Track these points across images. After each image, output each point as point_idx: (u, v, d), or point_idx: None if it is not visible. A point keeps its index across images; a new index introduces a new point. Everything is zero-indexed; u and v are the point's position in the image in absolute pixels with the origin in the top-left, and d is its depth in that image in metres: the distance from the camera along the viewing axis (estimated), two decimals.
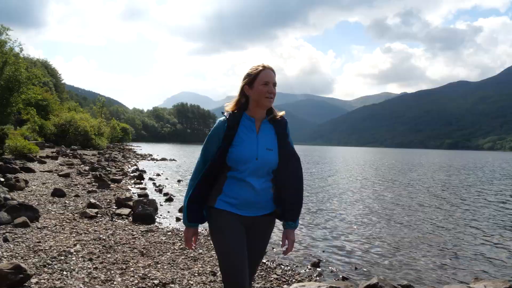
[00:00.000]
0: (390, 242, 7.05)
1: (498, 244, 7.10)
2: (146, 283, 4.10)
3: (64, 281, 3.97)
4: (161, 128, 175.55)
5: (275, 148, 2.34)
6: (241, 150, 2.26)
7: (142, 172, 17.69)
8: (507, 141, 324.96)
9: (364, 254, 6.26)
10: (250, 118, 2.35)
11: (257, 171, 2.27)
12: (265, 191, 2.32)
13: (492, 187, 17.48)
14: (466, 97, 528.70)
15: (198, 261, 5.11)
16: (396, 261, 5.93)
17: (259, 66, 2.35)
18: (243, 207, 2.29)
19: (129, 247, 5.53)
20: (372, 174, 24.78)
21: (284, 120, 2.42)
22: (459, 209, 10.98)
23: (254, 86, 2.30)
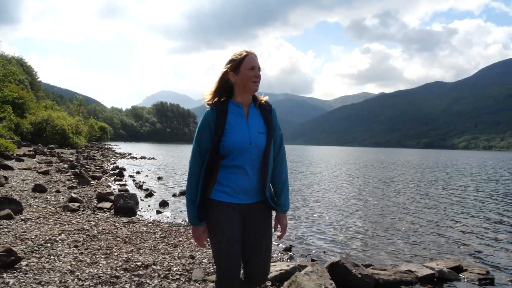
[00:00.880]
0: (359, 230, 7.53)
1: (453, 229, 7.67)
2: (129, 265, 4.43)
3: (52, 263, 4.26)
4: (140, 127, 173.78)
5: (265, 132, 2.35)
6: (234, 137, 2.25)
7: (122, 170, 17.83)
8: (480, 140, 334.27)
9: (333, 240, 6.71)
10: (238, 104, 2.35)
11: (251, 156, 2.28)
12: (258, 176, 2.33)
13: (456, 182, 18.32)
14: (441, 97, 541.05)
15: (178, 247, 5.46)
16: (362, 245, 6.41)
17: (242, 52, 2.34)
18: (239, 194, 2.29)
19: (112, 236, 5.83)
20: (348, 171, 25.46)
21: (269, 104, 2.46)
22: (424, 201, 11.59)
23: (240, 71, 2.30)
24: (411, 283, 4.49)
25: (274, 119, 2.42)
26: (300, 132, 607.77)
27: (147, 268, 4.39)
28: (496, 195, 13.89)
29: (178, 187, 13.16)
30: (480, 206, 11.14)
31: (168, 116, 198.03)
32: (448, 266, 4.92)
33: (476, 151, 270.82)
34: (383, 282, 4.33)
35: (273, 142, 2.38)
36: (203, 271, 4.38)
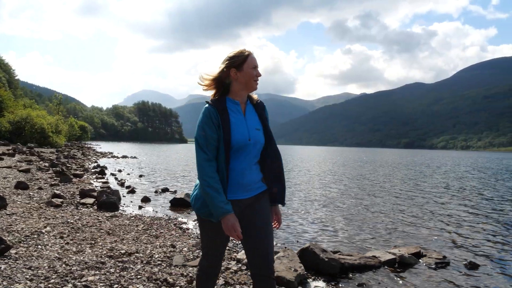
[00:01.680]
0: (332, 222, 7.94)
1: (419, 220, 8.16)
2: (114, 253, 4.72)
3: (40, 252, 4.52)
4: (121, 127, 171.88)
5: (261, 128, 2.42)
6: (235, 134, 2.29)
7: (104, 168, 17.92)
8: (458, 140, 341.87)
9: (306, 231, 7.10)
10: (235, 101, 2.39)
11: (249, 152, 2.34)
12: (255, 172, 2.39)
13: (426, 180, 19.03)
14: (421, 98, 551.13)
15: (160, 238, 5.78)
16: (333, 235, 6.82)
17: (244, 50, 2.38)
18: (238, 190, 2.33)
19: (96, 228, 6.10)
20: (327, 169, 26.03)
21: (262, 102, 2.53)
22: (394, 196, 12.13)
23: (244, 69, 2.34)
24: (375, 267, 4.92)
25: (267, 116, 2.52)
26: (282, 132, 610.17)
27: (130, 256, 4.69)
28: (461, 191, 14.56)
29: (160, 185, 13.39)
30: (445, 201, 11.73)
31: (150, 115, 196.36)
32: (409, 252, 5.38)
33: (454, 151, 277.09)
34: (349, 266, 4.74)
35: (268, 137, 2.46)
36: (183, 258, 4.71)
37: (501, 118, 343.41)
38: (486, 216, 9.20)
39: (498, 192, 14.46)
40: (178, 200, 9.23)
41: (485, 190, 15.26)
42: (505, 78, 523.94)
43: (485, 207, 10.64)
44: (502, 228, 7.82)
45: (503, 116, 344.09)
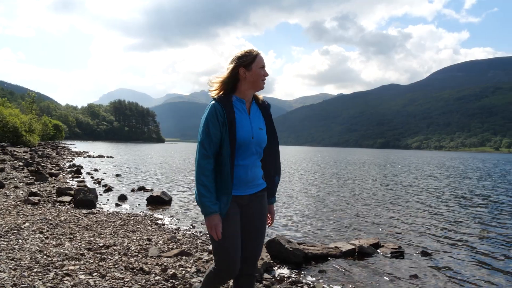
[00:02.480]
0: (301, 216, 8.37)
1: (383, 215, 8.70)
2: (92, 246, 5.01)
3: (21, 245, 4.77)
4: (97, 126, 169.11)
5: (264, 128, 2.49)
6: (240, 132, 2.34)
7: (79, 167, 17.93)
8: (432, 141, 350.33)
9: (276, 225, 7.51)
10: (241, 100, 2.44)
11: (252, 150, 2.39)
12: (257, 169, 2.46)
13: (395, 178, 19.82)
14: (396, 99, 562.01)
15: (136, 233, 6.08)
16: (301, 228, 7.25)
17: (252, 50, 2.44)
18: (240, 187, 2.38)
19: (74, 224, 6.34)
20: (302, 168, 26.61)
21: (267, 102, 2.59)
22: (362, 193, 12.70)
23: (252, 69, 2.38)
24: (336, 256, 5.36)
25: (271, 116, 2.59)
26: None
27: (108, 248, 4.99)
28: (424, 188, 15.31)
29: (136, 183, 13.58)
30: (407, 197, 12.37)
31: (126, 114, 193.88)
32: (369, 243, 5.86)
33: (428, 151, 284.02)
34: (312, 255, 5.16)
35: (271, 137, 2.54)
36: (159, 249, 5.04)
37: (472, 119, 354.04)
38: (442, 211, 9.83)
39: (457, 190, 15.26)
40: (155, 197, 9.51)
41: (446, 187, 16.07)
42: (476, 80, 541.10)
43: (442, 203, 11.31)
44: (455, 222, 8.43)
45: (474, 117, 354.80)
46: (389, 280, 4.57)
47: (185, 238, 5.99)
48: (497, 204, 11.44)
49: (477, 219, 8.84)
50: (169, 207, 9.20)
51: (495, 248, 6.25)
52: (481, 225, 8.15)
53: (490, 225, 8.23)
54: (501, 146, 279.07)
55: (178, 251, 4.92)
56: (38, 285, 3.47)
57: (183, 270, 4.28)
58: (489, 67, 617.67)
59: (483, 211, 10.05)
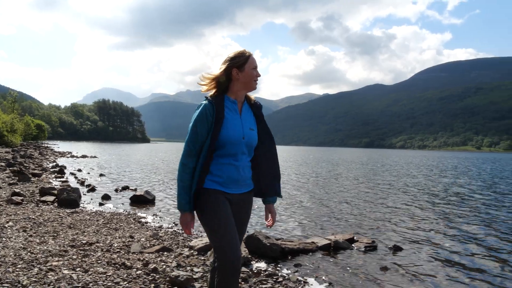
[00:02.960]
0: (281, 213, 8.60)
1: (360, 212, 8.99)
2: (75, 243, 5.15)
3: (5, 243, 4.88)
4: (81, 126, 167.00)
5: (255, 128, 2.52)
6: (229, 132, 2.36)
7: (63, 168, 17.87)
8: (416, 140, 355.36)
9: (256, 221, 7.72)
10: (233, 100, 2.47)
11: (243, 150, 2.42)
12: (247, 169, 2.49)
13: (375, 176, 20.26)
14: (381, 99, 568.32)
15: (119, 230, 6.22)
16: (281, 225, 7.48)
17: (245, 51, 2.47)
18: (229, 184, 2.41)
19: (58, 223, 6.45)
20: (283, 167, 26.92)
21: (259, 103, 2.63)
22: (342, 190, 13.02)
23: (245, 69, 2.42)
24: (312, 250, 5.61)
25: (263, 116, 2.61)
26: None
27: (91, 245, 5.13)
28: (402, 186, 15.73)
29: (120, 183, 13.64)
30: (386, 195, 12.73)
31: (111, 114, 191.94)
32: (344, 238, 6.11)
33: (411, 150, 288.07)
34: (288, 250, 5.39)
35: (264, 137, 2.56)
36: (141, 246, 5.21)
37: (454, 119, 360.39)
38: (417, 208, 10.18)
39: (433, 188, 15.71)
40: (138, 197, 9.63)
41: (422, 186, 16.51)
42: (459, 81, 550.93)
43: (417, 201, 11.68)
44: (427, 219, 8.77)
45: (456, 117, 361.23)
46: (360, 272, 4.82)
47: (167, 235, 6.16)
48: (469, 202, 11.87)
49: (448, 216, 9.20)
50: (152, 206, 9.34)
51: (462, 244, 6.58)
52: (451, 222, 8.50)
53: (460, 222, 8.59)
54: (482, 145, 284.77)
55: (160, 247, 5.10)
56: (23, 280, 3.62)
57: (164, 265, 4.46)
58: (471, 68, 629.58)
59: (455, 208, 10.43)
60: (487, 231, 7.55)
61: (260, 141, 2.53)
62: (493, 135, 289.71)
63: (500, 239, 6.94)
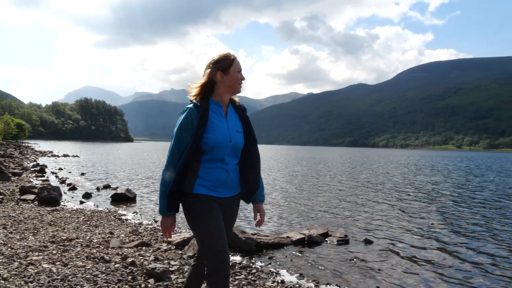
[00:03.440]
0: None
1: (335, 206, 9.29)
2: (55, 239, 5.27)
3: None
4: (62, 125, 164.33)
5: (241, 131, 2.51)
6: (215, 135, 2.35)
7: (44, 167, 17.76)
8: (398, 139, 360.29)
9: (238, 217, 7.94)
10: (218, 103, 2.46)
11: (230, 153, 2.42)
12: (235, 172, 2.49)
13: (354, 174, 20.70)
14: (364, 98, 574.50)
15: (99, 227, 6.35)
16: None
17: (229, 54, 2.47)
18: (218, 188, 2.41)
19: (38, 220, 6.54)
20: (265, 166, 27.19)
21: (243, 106, 2.62)
22: (321, 187, 13.33)
23: (230, 73, 2.42)
24: (286, 245, 5.85)
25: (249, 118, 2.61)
26: None
27: (71, 241, 5.26)
28: (378, 184, 16.15)
29: (101, 182, 13.67)
30: (362, 191, 13.09)
31: (93, 113, 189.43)
32: (318, 233, 6.37)
33: (394, 149, 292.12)
34: (264, 244, 5.62)
35: (249, 139, 2.55)
36: (120, 241, 5.36)
37: (436, 118, 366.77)
38: (391, 204, 10.54)
39: (408, 185, 16.17)
40: (119, 195, 9.73)
41: (398, 183, 16.99)
42: (440, 81, 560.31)
43: (392, 197, 12.06)
44: (400, 214, 9.12)
45: (438, 117, 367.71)
46: (329, 264, 5.08)
47: (146, 231, 6.31)
48: (440, 199, 12.31)
49: (419, 212, 9.57)
50: (133, 203, 9.46)
51: (429, 239, 6.92)
52: (421, 218, 8.86)
53: (428, 217, 8.95)
54: (463, 144, 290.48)
55: (138, 242, 5.27)
56: (3, 273, 3.75)
57: (142, 259, 4.63)
58: (451, 68, 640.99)
59: (425, 205, 10.83)
60: (453, 228, 7.93)
61: (246, 143, 2.53)
62: (473, 134, 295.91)
63: (466, 236, 7.31)
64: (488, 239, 6.86)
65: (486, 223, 8.31)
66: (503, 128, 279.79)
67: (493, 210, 10.18)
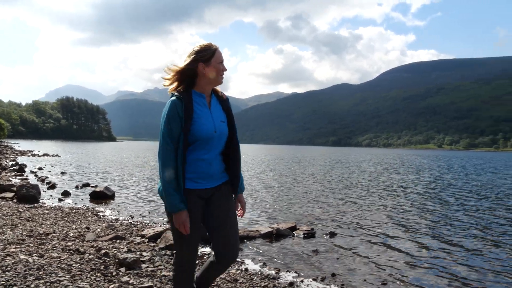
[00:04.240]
0: None
1: (305, 203, 9.69)
2: (33, 233, 5.51)
3: None
4: (43, 124, 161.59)
5: (225, 120, 2.51)
6: (201, 126, 2.34)
7: (23, 166, 17.74)
8: (381, 138, 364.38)
9: None
10: (201, 95, 2.44)
11: (215, 143, 2.42)
12: (219, 162, 2.49)
13: (329, 173, 21.21)
14: (348, 98, 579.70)
15: (76, 223, 6.60)
16: None
17: (211, 44, 2.43)
18: (203, 180, 2.41)
19: (16, 216, 6.75)
20: (248, 164, 27.54)
21: (226, 96, 2.60)
22: (295, 184, 13.73)
23: (212, 64, 2.38)
24: (255, 237, 6.20)
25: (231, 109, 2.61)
26: None
27: (48, 235, 5.51)
28: (350, 181, 16.67)
29: (81, 181, 13.80)
30: (335, 189, 13.55)
31: (75, 112, 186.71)
32: (286, 227, 6.74)
33: (377, 148, 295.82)
34: None
35: (231, 129, 2.55)
36: (95, 235, 5.63)
37: (418, 118, 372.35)
38: (360, 200, 11.01)
39: (380, 183, 16.73)
40: (98, 192, 9.94)
41: (372, 181, 17.54)
42: (422, 81, 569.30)
43: (363, 194, 12.54)
44: (368, 209, 9.57)
45: (419, 117, 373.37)
46: (293, 254, 5.45)
47: (122, 226, 6.59)
48: (409, 195, 12.84)
49: (385, 207, 10.05)
50: (111, 201, 9.69)
51: (390, 229, 7.37)
52: (387, 212, 9.33)
53: (394, 211, 9.43)
54: (444, 143, 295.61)
55: (113, 236, 5.55)
56: None
57: (115, 250, 4.91)
58: (433, 69, 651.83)
59: (393, 200, 11.33)
60: (417, 220, 8.40)
61: (229, 133, 2.53)
62: (454, 134, 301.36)
63: (430, 227, 7.78)
64: (449, 227, 7.34)
65: (446, 214, 8.82)
66: (482, 127, 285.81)
67: (452, 204, 10.74)
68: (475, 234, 7.10)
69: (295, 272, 4.69)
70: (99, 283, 3.75)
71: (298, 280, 4.40)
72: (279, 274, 4.56)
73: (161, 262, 4.57)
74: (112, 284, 3.75)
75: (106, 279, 3.89)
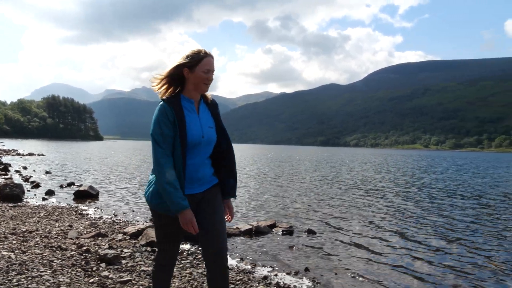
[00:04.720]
0: None
1: (285, 201, 9.92)
2: (16, 231, 5.63)
3: None
4: (28, 123, 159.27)
5: (214, 126, 2.52)
6: (189, 131, 2.34)
7: (7, 165, 17.65)
8: (368, 138, 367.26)
9: None
10: (190, 100, 2.45)
11: (203, 148, 2.43)
12: (207, 167, 2.51)
13: (312, 172, 21.53)
14: (336, 98, 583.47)
15: (59, 221, 6.72)
16: None
17: (201, 51, 2.41)
18: (192, 185, 2.41)
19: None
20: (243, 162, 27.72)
21: (215, 101, 2.60)
22: (278, 183, 13.96)
23: (196, 71, 2.37)
24: (235, 235, 6.40)
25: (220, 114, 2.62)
26: None
27: (30, 233, 5.64)
28: (335, 181, 16.98)
29: (66, 180, 13.82)
30: (316, 188, 13.82)
31: (61, 111, 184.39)
32: (266, 224, 6.95)
33: (364, 148, 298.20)
34: None
35: (221, 134, 2.56)
36: (78, 233, 5.77)
37: (404, 118, 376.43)
38: (340, 199, 11.28)
39: (362, 182, 17.06)
40: (82, 192, 10.03)
41: (353, 180, 17.87)
42: (409, 82, 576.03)
43: (343, 193, 12.83)
44: (347, 208, 9.84)
45: (406, 117, 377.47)
46: (270, 250, 5.66)
47: (105, 224, 6.73)
48: (388, 194, 13.17)
49: (363, 206, 10.33)
50: (96, 200, 9.79)
51: (366, 227, 7.63)
52: (364, 211, 9.60)
53: (372, 211, 9.71)
54: (430, 143, 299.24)
55: (95, 233, 5.69)
56: None
57: (96, 247, 5.07)
58: (419, 70, 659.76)
59: (372, 199, 11.63)
60: (388, 218, 8.69)
61: (219, 138, 2.54)
62: (440, 134, 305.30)
63: (400, 226, 8.07)
64: (419, 226, 7.63)
65: (417, 212, 9.13)
66: (468, 128, 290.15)
67: (425, 202, 11.08)
68: (442, 232, 7.40)
69: (270, 266, 4.90)
70: (80, 278, 3.91)
71: (272, 274, 4.61)
72: (255, 269, 4.77)
73: (141, 258, 4.74)
74: (92, 278, 3.91)
75: (87, 274, 4.05)
